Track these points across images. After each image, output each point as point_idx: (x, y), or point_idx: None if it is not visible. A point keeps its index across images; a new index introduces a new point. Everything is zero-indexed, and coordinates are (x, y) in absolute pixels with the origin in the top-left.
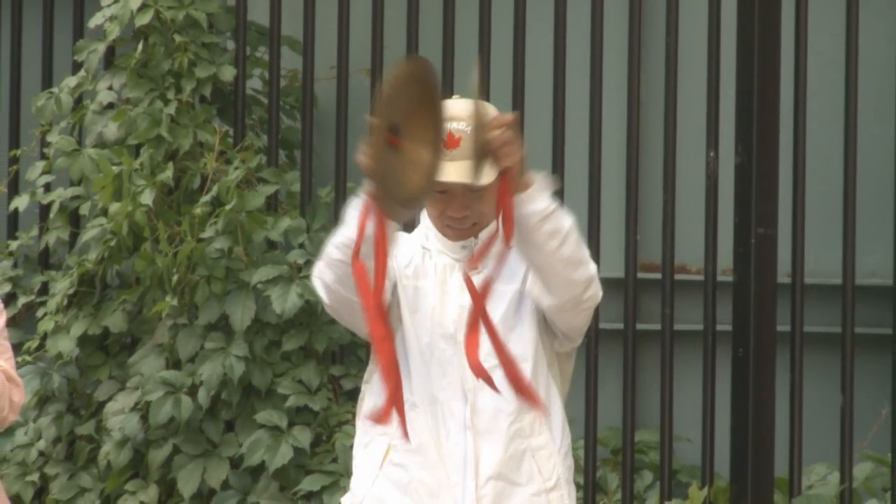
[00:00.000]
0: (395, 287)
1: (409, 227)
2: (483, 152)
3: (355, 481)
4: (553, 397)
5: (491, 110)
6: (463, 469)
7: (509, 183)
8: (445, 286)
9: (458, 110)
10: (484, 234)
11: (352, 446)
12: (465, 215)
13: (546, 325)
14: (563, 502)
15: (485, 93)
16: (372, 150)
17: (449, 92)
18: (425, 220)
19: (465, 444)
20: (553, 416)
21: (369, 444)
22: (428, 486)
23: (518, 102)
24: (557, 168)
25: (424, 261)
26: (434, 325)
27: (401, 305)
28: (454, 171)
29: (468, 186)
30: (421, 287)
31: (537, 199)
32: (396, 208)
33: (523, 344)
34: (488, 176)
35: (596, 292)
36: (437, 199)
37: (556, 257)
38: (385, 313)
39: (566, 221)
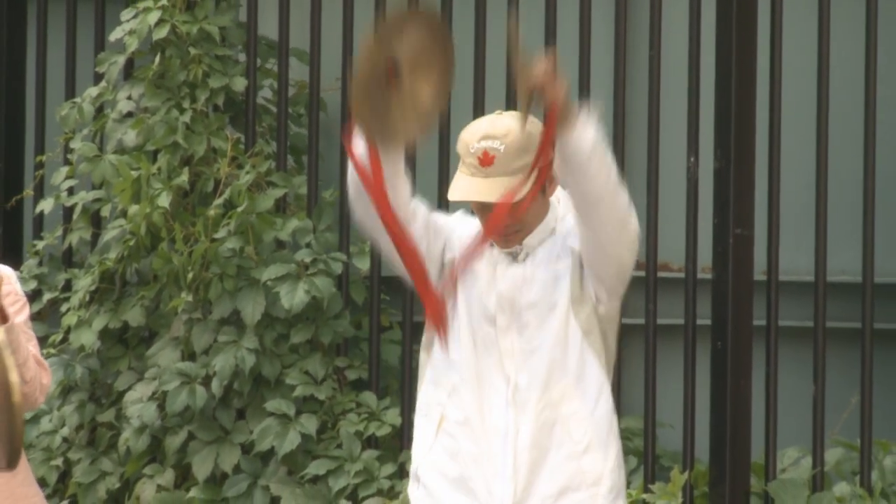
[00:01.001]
0: (448, 262)
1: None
2: (529, 94)
3: (415, 449)
4: (589, 365)
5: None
6: (503, 440)
7: (555, 120)
8: (495, 272)
9: (492, 128)
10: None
11: (355, 433)
12: (507, 225)
13: (582, 296)
14: (596, 463)
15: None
16: (362, 80)
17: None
18: None
19: (506, 419)
20: (588, 382)
21: (428, 413)
22: (473, 455)
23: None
24: None
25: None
26: (480, 307)
27: (457, 284)
28: (490, 189)
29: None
30: (475, 270)
31: (584, 136)
32: (385, 145)
33: (554, 331)
34: (523, 191)
35: (634, 219)
36: (479, 212)
37: (605, 186)
38: (410, 245)
39: (608, 152)
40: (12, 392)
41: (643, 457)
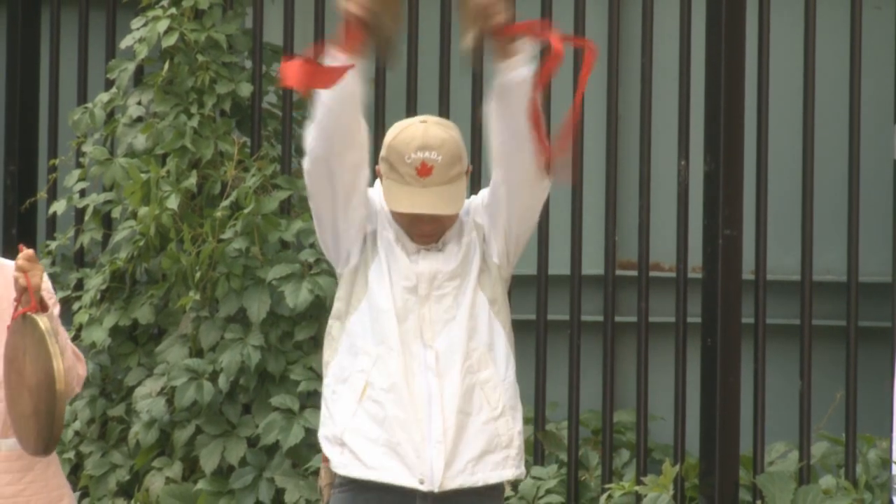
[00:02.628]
0: (365, 241)
1: None
2: (473, 17)
3: (337, 413)
4: (497, 334)
5: None
6: (428, 405)
7: (503, 42)
8: (416, 257)
9: (427, 138)
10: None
11: None
12: (432, 229)
13: (488, 267)
14: (508, 426)
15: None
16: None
17: (446, 106)
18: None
19: (427, 384)
20: (497, 350)
21: (348, 379)
22: (401, 421)
23: None
24: None
25: (398, 235)
26: (400, 278)
27: (369, 265)
28: (428, 199)
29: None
30: (393, 251)
31: (525, 66)
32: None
33: (468, 296)
34: (457, 205)
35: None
36: (405, 217)
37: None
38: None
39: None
40: (56, 380)
41: (636, 449)
